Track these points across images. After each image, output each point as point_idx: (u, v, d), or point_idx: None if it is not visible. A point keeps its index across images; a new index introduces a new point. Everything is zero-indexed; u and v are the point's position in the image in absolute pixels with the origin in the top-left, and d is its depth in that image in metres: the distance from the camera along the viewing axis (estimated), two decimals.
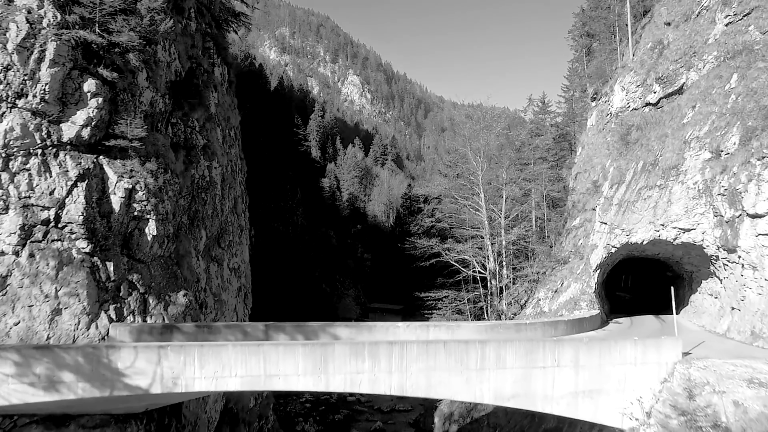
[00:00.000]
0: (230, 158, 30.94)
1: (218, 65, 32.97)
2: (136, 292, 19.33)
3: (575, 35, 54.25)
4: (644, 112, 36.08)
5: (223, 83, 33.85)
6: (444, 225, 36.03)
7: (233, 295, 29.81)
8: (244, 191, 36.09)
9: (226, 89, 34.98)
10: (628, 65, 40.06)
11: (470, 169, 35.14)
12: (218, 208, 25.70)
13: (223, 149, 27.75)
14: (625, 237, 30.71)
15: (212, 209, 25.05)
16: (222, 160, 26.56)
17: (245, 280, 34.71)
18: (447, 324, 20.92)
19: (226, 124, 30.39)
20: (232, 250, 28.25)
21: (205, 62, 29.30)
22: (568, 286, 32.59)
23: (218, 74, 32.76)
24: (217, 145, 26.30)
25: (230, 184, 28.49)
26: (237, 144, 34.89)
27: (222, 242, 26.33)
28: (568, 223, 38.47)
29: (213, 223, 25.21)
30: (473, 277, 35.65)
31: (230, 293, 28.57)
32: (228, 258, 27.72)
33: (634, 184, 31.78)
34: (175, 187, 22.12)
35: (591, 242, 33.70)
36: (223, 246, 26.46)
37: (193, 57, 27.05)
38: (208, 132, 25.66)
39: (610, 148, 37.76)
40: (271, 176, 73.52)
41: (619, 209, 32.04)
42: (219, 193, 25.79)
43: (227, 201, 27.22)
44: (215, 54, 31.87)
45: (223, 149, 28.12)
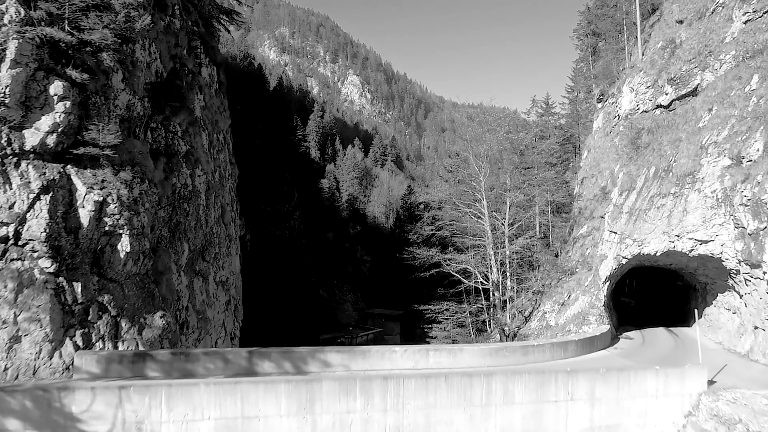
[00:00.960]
0: (218, 164, 29.21)
1: (206, 65, 31.24)
2: (106, 315, 17.60)
3: (580, 34, 52.47)
4: (655, 114, 34.34)
5: (212, 84, 32.13)
6: (445, 233, 34.30)
7: (221, 309, 28.10)
8: (235, 198, 34.36)
9: (215, 91, 33.26)
10: (637, 65, 38.32)
11: (472, 174, 33.40)
12: (202, 219, 23.96)
13: (208, 155, 26.01)
14: (636, 247, 28.97)
15: (195, 220, 23.31)
16: (207, 167, 24.82)
17: (235, 291, 32.98)
18: (448, 348, 19.19)
19: (213, 128, 28.66)
20: (219, 263, 26.51)
21: (191, 62, 27.57)
22: (575, 299, 30.84)
23: (206, 75, 31.04)
24: (202, 152, 24.56)
25: (217, 192, 26.76)
26: (227, 148, 33.16)
27: (207, 255, 24.60)
28: (574, 230, 36.71)
29: (197, 235, 23.48)
30: (475, 287, 33.93)
31: (217, 308, 26.84)
32: (214, 271, 25.99)
33: (646, 192, 30.04)
34: (153, 198, 20.38)
35: (600, 252, 31.95)
36: (208, 259, 24.72)
37: (176, 57, 25.32)
38: (192, 137, 23.92)
39: (619, 152, 36.00)
40: (268, 179, 71.72)
41: (629, 218, 30.30)
42: (203, 202, 24.05)
43: (213, 210, 25.48)
44: (202, 53, 30.15)
45: (209, 155, 26.38)
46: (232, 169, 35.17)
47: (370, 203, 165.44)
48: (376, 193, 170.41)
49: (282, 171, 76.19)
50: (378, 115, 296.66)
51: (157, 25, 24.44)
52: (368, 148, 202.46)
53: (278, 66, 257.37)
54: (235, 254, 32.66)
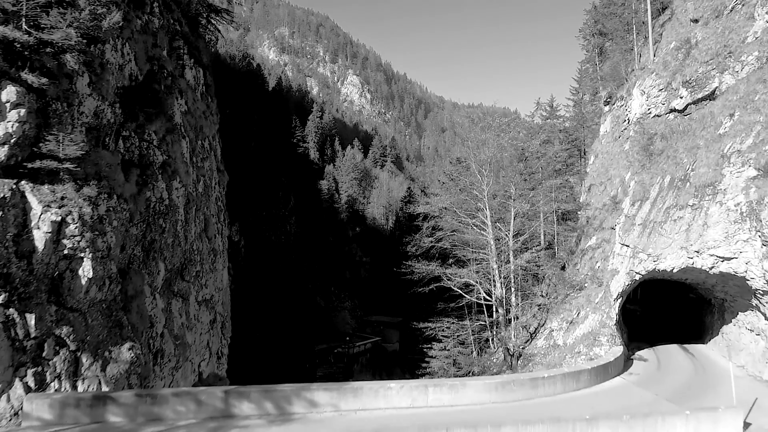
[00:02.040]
0: (202, 173, 27.22)
1: (190, 67, 29.26)
2: (64, 350, 15.62)
3: (586, 34, 50.46)
4: (668, 119, 32.34)
5: (197, 87, 30.13)
6: (445, 245, 32.33)
7: (204, 330, 26.11)
8: (222, 208, 32.37)
9: (201, 94, 31.27)
10: (648, 67, 36.30)
11: (473, 182, 31.44)
12: (181, 236, 21.98)
13: (189, 165, 24.02)
14: (651, 263, 26.99)
15: (173, 237, 21.32)
16: (186, 179, 22.83)
17: (222, 308, 31.00)
18: (449, 383, 17.21)
19: (196, 135, 26.68)
20: (201, 281, 24.52)
21: (171, 64, 25.58)
22: (585, 316, 28.86)
23: (190, 77, 29.05)
24: (181, 161, 22.57)
25: (199, 204, 24.77)
26: (213, 155, 31.17)
27: (187, 274, 22.61)
28: (582, 241, 34.71)
29: (174, 253, 21.49)
30: (478, 303, 31.95)
31: (199, 330, 24.87)
32: (196, 291, 24.00)
33: (661, 202, 28.05)
34: (123, 215, 18.40)
35: (610, 266, 29.96)
36: (188, 278, 22.74)
37: (154, 58, 23.34)
38: (170, 146, 21.94)
39: (630, 158, 34.00)
40: (263, 183, 69.81)
41: (643, 230, 28.31)
42: (182, 217, 22.06)
43: (194, 225, 23.49)
44: (186, 54, 28.16)
45: (191, 164, 24.39)
46: (219, 176, 33.18)
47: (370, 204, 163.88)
48: (375, 194, 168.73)
49: (278, 175, 74.25)
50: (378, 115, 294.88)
51: (132, 23, 22.48)
52: (368, 148, 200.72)
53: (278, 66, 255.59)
54: (222, 268, 30.68)
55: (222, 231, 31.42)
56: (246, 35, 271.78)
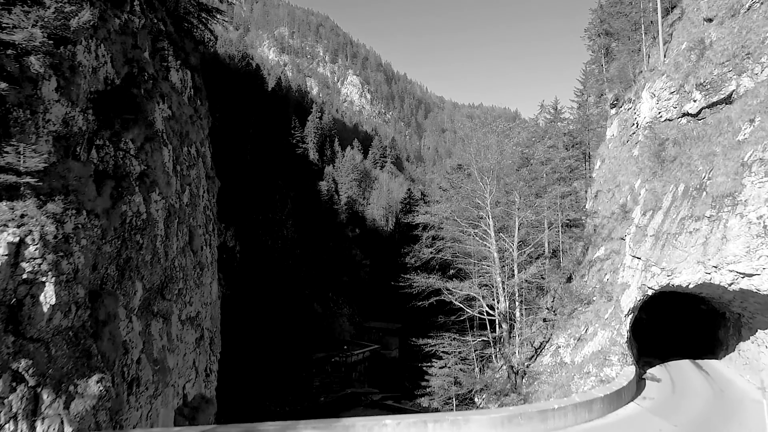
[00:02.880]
0: (187, 182, 25.63)
1: (176, 69, 27.65)
2: (22, 387, 14.03)
3: (592, 34, 48.82)
4: (681, 123, 30.76)
5: (183, 91, 28.54)
6: (446, 256, 30.74)
7: (189, 349, 24.53)
8: (212, 217, 30.79)
9: (189, 98, 29.68)
10: (659, 68, 34.71)
11: (475, 190, 29.84)
12: (161, 252, 20.39)
13: (172, 174, 22.42)
14: (665, 278, 25.38)
15: (152, 254, 19.74)
16: (167, 190, 21.24)
17: (211, 323, 29.42)
18: (451, 418, 15.63)
19: (181, 142, 25.09)
20: (185, 299, 22.94)
21: (154, 66, 23.98)
22: (594, 333, 27.27)
23: (176, 80, 27.45)
24: (161, 171, 20.97)
25: (182, 216, 23.18)
26: (201, 162, 29.58)
27: (168, 292, 21.03)
28: (589, 252, 33.11)
29: (153, 271, 19.91)
30: (480, 317, 30.37)
31: (183, 350, 23.29)
32: (179, 309, 22.42)
33: (675, 213, 26.46)
34: (94, 232, 16.81)
35: (621, 280, 28.37)
36: (169, 297, 21.16)
37: (134, 60, 21.74)
38: (149, 155, 20.36)
39: (640, 165, 32.42)
40: (260, 186, 68.20)
41: (656, 242, 26.72)
42: (161, 232, 20.47)
43: (176, 240, 21.91)
44: (171, 56, 26.57)
45: (174, 174, 22.80)
46: (209, 184, 31.59)
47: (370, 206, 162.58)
48: (375, 195, 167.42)
49: (275, 178, 72.62)
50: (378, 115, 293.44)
51: (110, 23, 20.89)
52: (368, 149, 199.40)
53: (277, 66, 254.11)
54: (210, 282, 29.09)
55: (211, 242, 29.83)
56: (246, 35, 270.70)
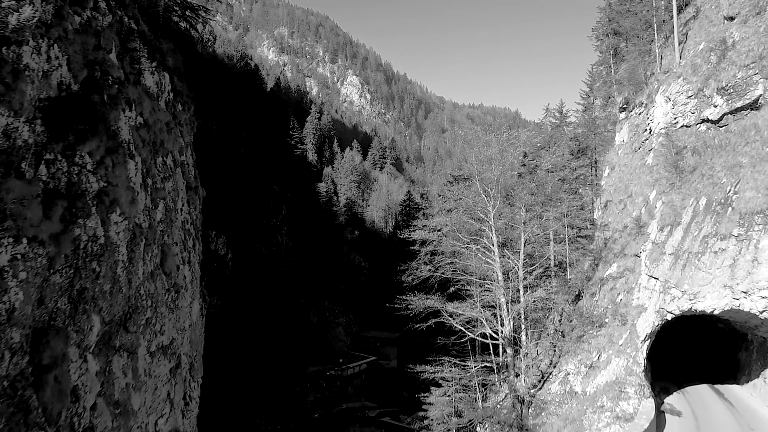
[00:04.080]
0: (161, 195, 23.31)
1: (152, 71, 25.34)
2: None
3: (599, 34, 46.55)
4: (700, 130, 28.46)
5: (160, 95, 26.25)
6: (445, 273, 28.47)
7: (162, 382, 22.18)
8: (192, 232, 28.47)
9: (167, 102, 27.38)
10: (674, 70, 32.42)
11: (477, 203, 27.57)
12: (122, 279, 18.05)
13: (140, 189, 20.11)
14: (686, 302, 23.08)
15: (111, 283, 17.40)
16: (131, 209, 18.90)
17: (190, 347, 27.08)
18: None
19: (153, 152, 22.77)
20: (155, 328, 20.59)
21: (123, 69, 21.68)
22: (607, 361, 24.96)
23: (151, 83, 25.11)
24: (124, 188, 18.62)
25: (153, 236, 20.88)
26: (180, 172, 27.25)
27: (132, 324, 18.69)
28: (600, 268, 30.81)
29: (114, 301, 17.57)
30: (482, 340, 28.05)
31: (153, 384, 20.96)
32: (147, 341, 20.08)
33: (696, 229, 24.15)
34: (38, 262, 14.47)
35: (636, 301, 26.07)
36: (134, 329, 18.80)
37: (96, 62, 19.42)
38: (110, 169, 18.00)
39: (655, 174, 30.13)
40: (254, 191, 65.89)
41: (675, 261, 24.40)
42: (123, 257, 18.12)
43: (141, 264, 19.57)
44: (145, 57, 24.28)
45: (142, 189, 20.49)
46: (190, 195, 29.25)
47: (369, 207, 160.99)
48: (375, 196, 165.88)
49: (269, 182, 70.30)
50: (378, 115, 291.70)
51: (68, 20, 18.58)
52: (367, 150, 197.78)
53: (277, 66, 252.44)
54: (190, 303, 26.75)
55: (190, 259, 27.47)
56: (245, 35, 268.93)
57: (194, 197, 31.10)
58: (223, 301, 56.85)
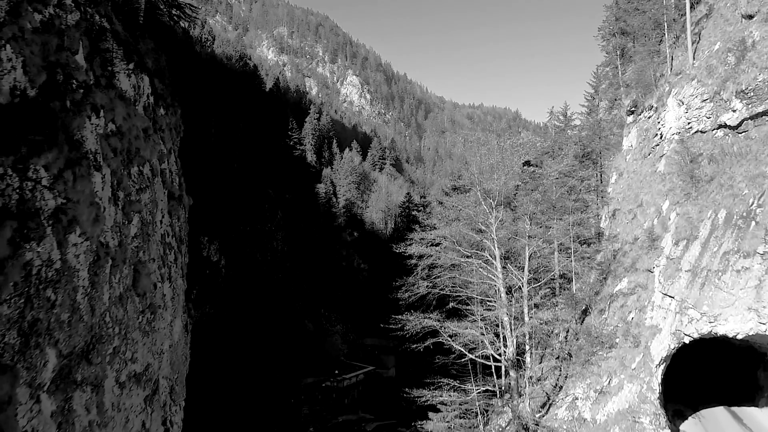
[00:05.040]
0: (136, 208, 21.50)
1: (128, 74, 23.56)
2: None
3: (606, 33, 44.72)
4: (717, 137, 26.64)
5: (138, 99, 24.44)
6: (444, 290, 26.65)
7: (135, 412, 20.35)
8: (174, 244, 26.59)
9: (145, 107, 25.57)
10: (687, 72, 30.59)
11: (478, 214, 25.76)
12: (83, 307, 16.22)
13: (107, 205, 18.28)
14: (706, 324, 21.27)
15: (70, 311, 15.58)
16: (93, 228, 17.06)
17: (170, 369, 25.29)
18: None
19: (127, 161, 20.98)
20: (125, 356, 18.74)
21: (93, 72, 19.88)
22: (619, 386, 23.16)
23: (127, 87, 23.29)
24: (86, 205, 16.78)
25: (122, 255, 19.05)
26: (160, 181, 25.44)
27: (96, 355, 16.85)
28: (609, 283, 28.98)
29: (73, 331, 15.76)
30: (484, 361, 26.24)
31: (124, 417, 19.17)
32: (115, 371, 18.26)
33: (715, 245, 22.33)
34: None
35: (649, 321, 24.24)
36: (98, 360, 16.98)
37: (57, 65, 17.64)
38: (70, 184, 16.17)
39: (668, 183, 28.31)
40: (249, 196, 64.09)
41: (693, 279, 22.59)
42: (84, 282, 16.30)
43: (107, 288, 17.75)
44: (118, 59, 22.48)
45: (111, 203, 18.67)
46: (173, 205, 27.44)
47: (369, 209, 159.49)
48: (374, 198, 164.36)
49: (264, 186, 68.51)
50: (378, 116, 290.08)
51: (25, 18, 16.79)
52: (366, 150, 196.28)
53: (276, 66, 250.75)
54: (171, 322, 24.97)
55: (171, 275, 25.62)
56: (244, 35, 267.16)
57: (177, 207, 29.07)
58: (215, 309, 55.05)
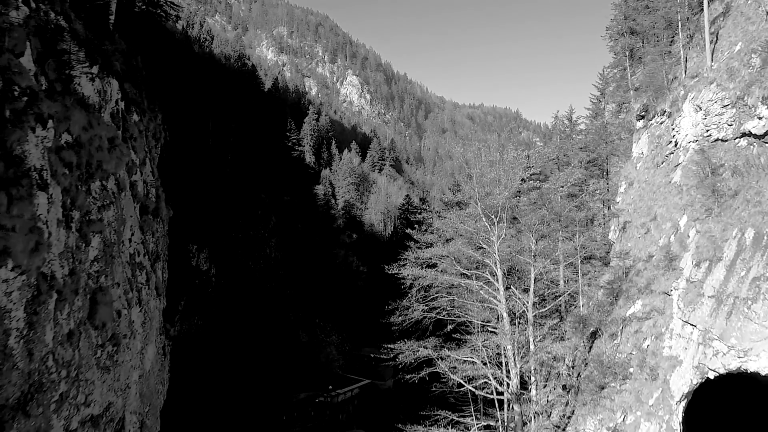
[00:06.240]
0: (97, 229, 19.24)
1: (91, 78, 21.29)
2: None
3: (614, 33, 42.40)
4: (740, 146, 24.34)
5: (103, 106, 22.19)
6: (441, 314, 24.38)
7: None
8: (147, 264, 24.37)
9: (114, 114, 23.32)
10: (704, 75, 28.30)
11: (479, 230, 23.52)
12: (18, 352, 14.00)
13: (55, 230, 16.04)
14: (735, 359, 18.97)
15: (0, 358, 13.37)
16: (31, 260, 14.80)
17: (140, 403, 23.03)
18: None
19: (86, 177, 18.73)
20: (77, 400, 16.53)
21: (43, 76, 17.62)
22: (635, 425, 20.88)
23: (90, 92, 21.06)
24: (23, 233, 14.55)
25: (74, 286, 16.81)
26: (129, 195, 23.18)
27: (34, 406, 14.64)
28: (622, 304, 26.66)
29: (5, 381, 13.54)
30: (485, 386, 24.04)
31: None
32: (65, 418, 16.02)
33: (743, 268, 20.04)
34: None
35: (668, 351, 21.95)
36: (38, 412, 14.76)
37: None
38: (3, 209, 13.97)
39: (686, 196, 26.02)
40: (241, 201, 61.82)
41: (717, 307, 20.29)
42: (19, 324, 14.07)
43: (51, 327, 15.53)
44: (79, 62, 20.21)
45: (62, 227, 16.42)
46: (145, 220, 25.16)
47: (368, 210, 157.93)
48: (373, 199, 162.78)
49: (257, 191, 66.21)
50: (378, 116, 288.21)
51: None
52: (366, 151, 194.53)
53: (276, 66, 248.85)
54: (141, 349, 22.73)
55: (141, 298, 23.41)
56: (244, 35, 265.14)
57: (151, 222, 26.58)
58: (204, 321, 52.80)
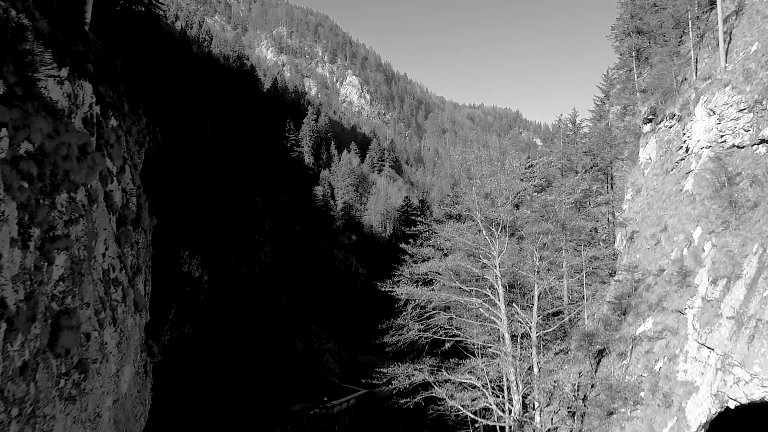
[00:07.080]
0: (62, 246, 17.71)
1: (59, 81, 19.74)
2: None
3: (619, 33, 40.82)
4: (759, 153, 22.78)
5: (73, 111, 20.63)
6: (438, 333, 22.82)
7: None
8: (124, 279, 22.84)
9: (86, 119, 21.76)
10: (718, 77, 26.72)
11: (479, 243, 21.99)
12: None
13: (9, 250, 14.50)
14: (759, 388, 17.37)
15: None
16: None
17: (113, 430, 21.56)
18: None
19: (50, 190, 17.20)
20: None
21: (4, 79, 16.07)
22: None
23: (58, 97, 19.50)
24: None
25: (32, 311, 15.27)
26: (103, 207, 21.65)
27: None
28: (631, 321, 25.07)
29: None
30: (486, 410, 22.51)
31: None
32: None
33: (765, 287, 18.44)
34: None
35: (682, 375, 20.37)
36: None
37: None
38: None
39: (699, 206, 24.43)
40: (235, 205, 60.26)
41: (738, 330, 18.69)
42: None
43: (15, 363, 13.98)
44: (45, 65, 18.66)
45: (17, 246, 14.88)
46: (123, 232, 23.62)
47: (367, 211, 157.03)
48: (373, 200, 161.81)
49: (253, 194, 64.67)
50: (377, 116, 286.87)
51: None
52: (365, 152, 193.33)
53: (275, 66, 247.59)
54: (117, 372, 21.20)
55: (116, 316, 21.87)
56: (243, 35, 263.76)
57: (131, 233, 25.05)
58: (196, 329, 51.26)
